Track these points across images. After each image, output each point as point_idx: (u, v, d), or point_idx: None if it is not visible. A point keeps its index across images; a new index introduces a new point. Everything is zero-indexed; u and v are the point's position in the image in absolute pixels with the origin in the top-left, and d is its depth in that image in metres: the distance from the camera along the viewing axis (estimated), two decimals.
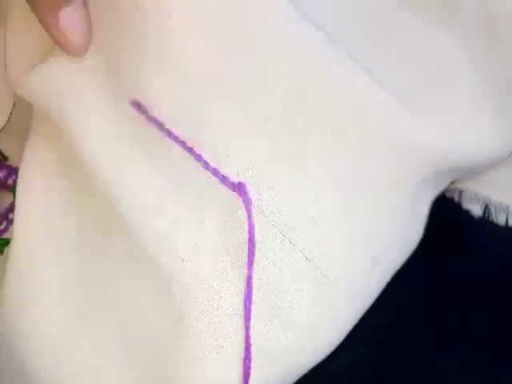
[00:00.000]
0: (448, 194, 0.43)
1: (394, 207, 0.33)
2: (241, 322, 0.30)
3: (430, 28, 0.34)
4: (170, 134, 0.30)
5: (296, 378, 0.34)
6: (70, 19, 0.31)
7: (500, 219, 0.41)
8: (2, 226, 0.40)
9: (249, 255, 0.30)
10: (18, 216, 0.34)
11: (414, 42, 0.33)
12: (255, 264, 0.30)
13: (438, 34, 0.34)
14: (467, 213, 0.42)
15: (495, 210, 0.41)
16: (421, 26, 0.33)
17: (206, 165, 0.30)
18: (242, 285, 0.30)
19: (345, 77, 0.30)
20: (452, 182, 0.42)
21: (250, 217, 0.29)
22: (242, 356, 0.31)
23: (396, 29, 0.33)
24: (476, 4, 0.33)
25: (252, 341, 0.30)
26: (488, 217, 0.42)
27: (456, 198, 0.42)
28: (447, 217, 0.42)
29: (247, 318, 0.30)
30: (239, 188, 0.29)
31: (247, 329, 0.30)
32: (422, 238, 0.37)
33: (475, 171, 0.38)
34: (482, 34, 0.34)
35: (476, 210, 0.42)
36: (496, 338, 0.40)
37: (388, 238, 0.33)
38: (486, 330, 0.40)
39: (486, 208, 0.42)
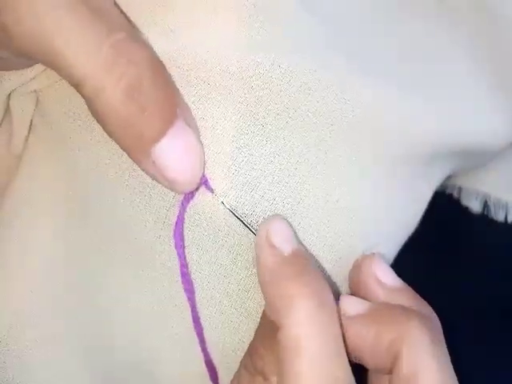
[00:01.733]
0: (447, 191, 0.43)
1: (391, 192, 0.32)
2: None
3: (426, 21, 0.34)
4: None
5: None
6: (164, 155, 0.26)
7: (499, 216, 0.42)
8: None
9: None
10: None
11: (412, 32, 0.33)
12: None
13: (432, 26, 0.34)
14: (466, 209, 0.42)
15: (494, 206, 0.42)
16: (419, 21, 0.33)
17: None
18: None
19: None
20: (451, 179, 0.42)
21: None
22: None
23: (395, 21, 0.33)
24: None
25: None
26: (487, 213, 0.42)
27: (455, 195, 0.43)
28: (447, 213, 0.42)
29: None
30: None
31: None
32: (422, 234, 0.37)
33: (476, 161, 0.38)
34: (471, 22, 0.34)
35: (475, 206, 0.42)
36: (495, 331, 0.40)
37: (382, 224, 0.33)
38: (486, 322, 0.40)
39: (485, 205, 0.42)
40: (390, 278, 0.30)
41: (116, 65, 0.25)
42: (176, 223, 0.29)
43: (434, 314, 0.30)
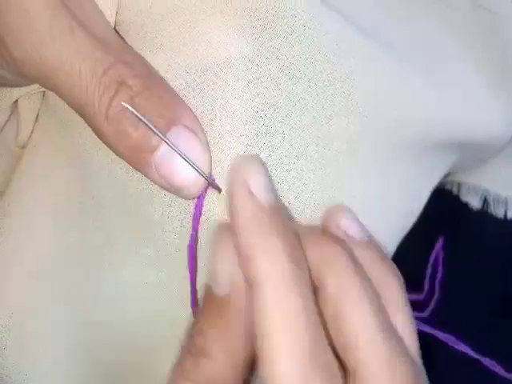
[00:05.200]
0: (447, 187, 0.43)
1: (389, 185, 0.32)
2: None
3: (427, 18, 0.34)
4: None
5: None
6: (165, 162, 0.26)
7: (498, 211, 0.42)
8: None
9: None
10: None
11: (413, 30, 0.33)
12: None
13: (432, 23, 0.34)
14: (466, 205, 0.42)
15: (494, 202, 0.42)
16: (420, 18, 0.34)
17: None
18: None
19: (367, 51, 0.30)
20: (451, 176, 0.42)
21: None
22: None
23: (396, 20, 0.33)
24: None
25: None
26: (487, 209, 0.42)
27: (455, 191, 0.43)
28: (447, 209, 0.42)
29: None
30: None
31: None
32: (421, 229, 0.36)
33: (475, 157, 0.38)
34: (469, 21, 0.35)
35: (475, 202, 0.42)
36: (495, 328, 0.40)
37: (380, 217, 0.32)
38: (487, 319, 0.40)
39: (485, 200, 0.42)
40: (357, 229, 0.27)
41: (108, 89, 0.26)
42: (192, 227, 0.29)
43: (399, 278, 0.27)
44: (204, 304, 0.26)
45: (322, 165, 0.30)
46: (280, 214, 0.25)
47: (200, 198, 0.28)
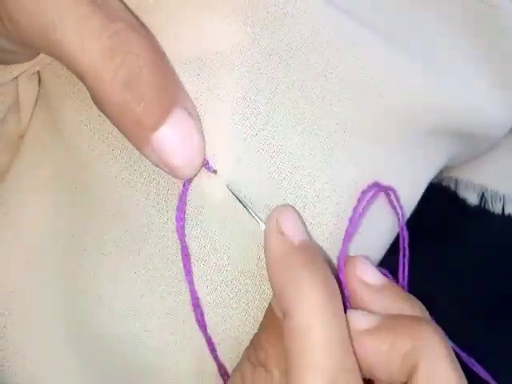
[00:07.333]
0: (444, 183, 0.43)
1: (386, 172, 0.32)
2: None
3: (425, 7, 0.34)
4: None
5: None
6: (163, 142, 0.26)
7: (496, 208, 0.42)
8: None
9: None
10: None
11: (412, 19, 0.33)
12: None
13: (432, 13, 0.34)
14: (463, 201, 0.42)
15: (491, 198, 0.42)
16: (418, 8, 0.34)
17: None
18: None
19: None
20: (448, 171, 0.42)
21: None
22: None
23: (396, 9, 0.33)
24: None
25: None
26: (484, 205, 0.42)
27: (452, 187, 0.43)
28: (444, 205, 0.42)
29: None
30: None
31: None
32: (418, 225, 0.36)
33: (474, 147, 0.38)
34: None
35: (472, 198, 0.42)
36: (494, 323, 0.40)
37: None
38: (485, 314, 0.40)
39: (482, 197, 0.42)
40: (372, 276, 0.29)
41: (114, 55, 0.25)
42: (178, 206, 0.29)
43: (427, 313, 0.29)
44: (265, 319, 0.28)
45: (310, 148, 0.30)
46: (312, 250, 0.27)
47: (185, 185, 0.29)
